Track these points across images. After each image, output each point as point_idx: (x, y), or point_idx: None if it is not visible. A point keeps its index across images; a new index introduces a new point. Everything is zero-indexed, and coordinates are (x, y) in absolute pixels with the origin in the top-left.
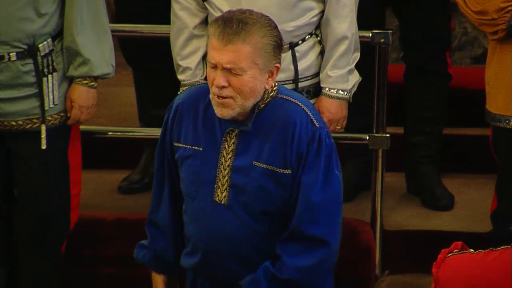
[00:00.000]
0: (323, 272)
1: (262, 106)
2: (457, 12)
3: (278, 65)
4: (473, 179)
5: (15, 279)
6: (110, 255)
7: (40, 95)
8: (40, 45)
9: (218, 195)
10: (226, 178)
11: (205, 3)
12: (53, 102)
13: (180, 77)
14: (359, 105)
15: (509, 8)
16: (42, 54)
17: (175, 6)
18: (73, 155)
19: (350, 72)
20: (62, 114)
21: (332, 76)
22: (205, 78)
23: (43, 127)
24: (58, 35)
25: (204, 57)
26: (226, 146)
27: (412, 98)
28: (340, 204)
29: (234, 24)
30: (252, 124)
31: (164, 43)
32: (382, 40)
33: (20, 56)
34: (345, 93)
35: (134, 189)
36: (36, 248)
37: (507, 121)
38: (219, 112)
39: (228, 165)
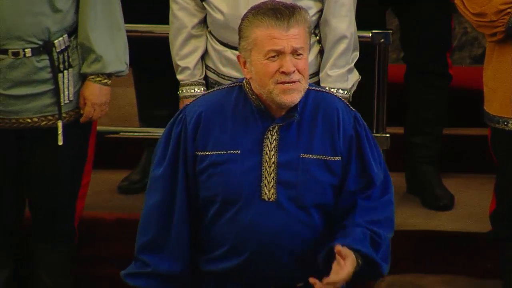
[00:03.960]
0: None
1: None
2: (457, 13)
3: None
4: (473, 179)
5: (17, 279)
6: (110, 255)
7: (55, 91)
8: (55, 41)
9: (265, 193)
10: (273, 175)
11: (203, 3)
12: (68, 98)
13: (179, 76)
14: (359, 105)
15: (508, 10)
16: (57, 50)
17: (173, 6)
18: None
19: (349, 71)
20: (77, 110)
21: (331, 75)
22: (204, 78)
23: (60, 123)
24: (74, 31)
25: (203, 57)
26: (268, 143)
27: (412, 99)
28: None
29: (285, 10)
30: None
31: (164, 43)
32: (382, 40)
33: (35, 52)
34: (345, 92)
35: (134, 189)
36: (48, 238)
37: (505, 123)
38: (289, 98)
39: (273, 162)
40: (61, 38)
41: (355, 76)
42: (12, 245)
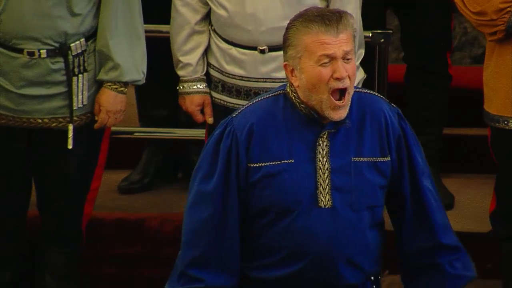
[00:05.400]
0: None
1: None
2: (457, 12)
3: None
4: (473, 179)
5: (20, 280)
6: (110, 255)
7: (68, 95)
8: (72, 45)
9: (322, 200)
10: (327, 181)
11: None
12: (82, 103)
13: (180, 72)
14: None
15: (508, 9)
16: (73, 54)
17: (176, 2)
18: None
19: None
20: (89, 115)
21: None
22: (206, 75)
23: (70, 127)
24: (92, 36)
25: (204, 53)
26: (320, 150)
27: (412, 99)
28: None
29: (333, 16)
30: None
31: (164, 43)
32: (382, 40)
33: (51, 54)
34: None
35: (134, 189)
36: (55, 240)
37: (505, 122)
38: (337, 115)
39: (327, 168)
40: (78, 42)
41: (360, 74)
42: (15, 246)
